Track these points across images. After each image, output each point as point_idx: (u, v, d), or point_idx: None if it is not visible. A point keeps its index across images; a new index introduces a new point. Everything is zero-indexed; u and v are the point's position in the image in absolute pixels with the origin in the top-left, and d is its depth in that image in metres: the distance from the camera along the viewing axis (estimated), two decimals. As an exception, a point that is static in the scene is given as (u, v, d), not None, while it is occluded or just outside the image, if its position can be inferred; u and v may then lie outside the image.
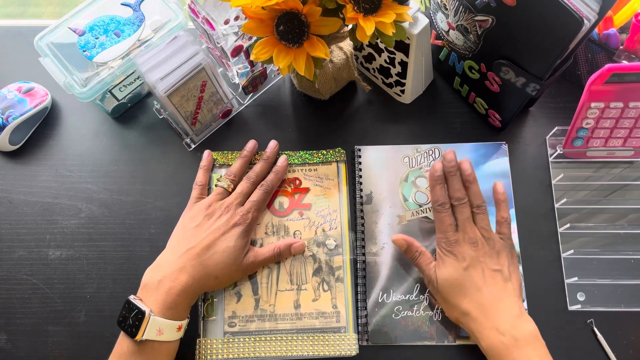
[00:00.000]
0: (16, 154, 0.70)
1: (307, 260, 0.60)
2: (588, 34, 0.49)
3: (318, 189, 0.64)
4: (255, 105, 0.72)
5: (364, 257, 0.61)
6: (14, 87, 0.70)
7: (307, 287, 0.59)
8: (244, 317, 0.58)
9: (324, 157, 0.65)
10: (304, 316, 0.58)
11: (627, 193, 0.64)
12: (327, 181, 0.64)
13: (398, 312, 0.59)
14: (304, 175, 0.64)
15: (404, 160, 0.66)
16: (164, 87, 0.59)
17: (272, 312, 0.58)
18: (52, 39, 0.64)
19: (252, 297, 0.59)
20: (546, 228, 0.63)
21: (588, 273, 0.60)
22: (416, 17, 0.58)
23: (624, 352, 0.57)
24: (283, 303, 0.59)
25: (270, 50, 0.53)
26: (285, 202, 0.63)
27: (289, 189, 0.64)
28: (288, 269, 0.60)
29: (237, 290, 0.59)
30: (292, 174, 0.65)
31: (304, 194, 0.63)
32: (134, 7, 0.67)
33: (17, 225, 0.66)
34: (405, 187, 0.64)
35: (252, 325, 0.58)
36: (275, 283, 0.59)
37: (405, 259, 0.61)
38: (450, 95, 0.71)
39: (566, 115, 0.68)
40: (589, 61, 0.65)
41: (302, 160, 0.65)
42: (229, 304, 0.59)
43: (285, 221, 0.62)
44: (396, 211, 0.63)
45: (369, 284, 0.60)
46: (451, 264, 0.55)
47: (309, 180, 0.64)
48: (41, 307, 0.62)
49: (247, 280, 0.59)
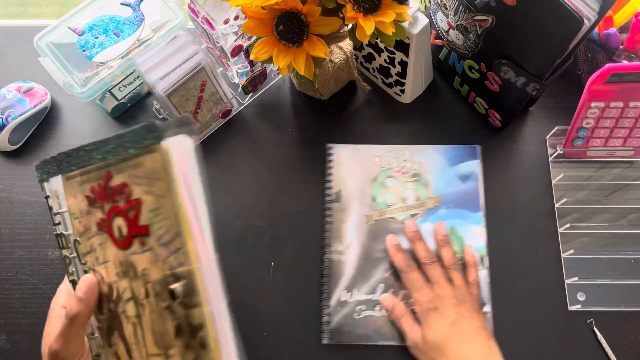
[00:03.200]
0: (16, 154, 0.70)
1: (164, 314, 0.38)
2: (588, 33, 0.49)
3: (151, 200, 0.37)
4: (255, 105, 0.72)
5: (329, 256, 0.61)
6: (13, 87, 0.70)
7: (173, 354, 0.38)
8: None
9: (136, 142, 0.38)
10: None
11: (627, 193, 0.64)
12: (158, 183, 0.37)
13: (360, 312, 0.59)
14: (132, 178, 0.38)
15: (375, 160, 0.65)
16: (164, 86, 0.59)
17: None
18: (52, 39, 0.64)
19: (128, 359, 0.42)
20: (546, 228, 0.63)
21: (588, 273, 0.60)
22: (416, 16, 0.58)
23: (624, 352, 0.57)
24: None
25: (270, 50, 0.52)
26: (123, 226, 0.39)
27: (121, 204, 0.39)
28: (150, 325, 0.39)
29: (114, 350, 0.42)
30: (119, 177, 0.39)
31: (138, 210, 0.38)
32: (133, 6, 0.67)
33: (17, 225, 0.66)
34: (375, 187, 0.64)
35: None
36: (143, 345, 0.40)
37: (371, 258, 0.61)
38: (450, 95, 0.71)
39: (566, 115, 0.68)
40: (589, 61, 0.65)
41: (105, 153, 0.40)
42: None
43: (129, 255, 0.39)
44: (364, 210, 0.63)
45: (333, 282, 0.60)
46: (438, 323, 0.54)
47: (138, 185, 0.38)
48: (41, 307, 0.62)
49: (119, 338, 0.42)
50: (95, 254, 0.41)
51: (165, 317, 0.38)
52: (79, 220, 0.41)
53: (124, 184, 0.38)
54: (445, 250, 0.59)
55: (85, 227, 0.41)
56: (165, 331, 0.38)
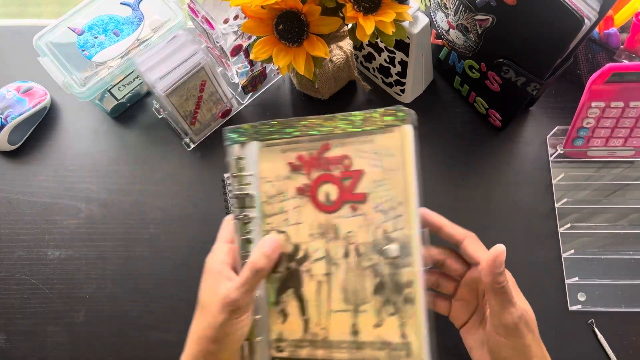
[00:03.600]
0: (15, 154, 0.69)
1: (365, 273, 0.43)
2: (588, 33, 0.49)
3: (376, 172, 0.43)
4: (254, 105, 0.72)
5: None
6: (13, 87, 0.70)
7: (366, 309, 0.43)
8: (292, 342, 0.45)
9: (380, 119, 0.43)
10: (364, 345, 0.43)
11: (627, 193, 0.64)
12: (389, 159, 0.43)
13: None
14: (356, 151, 0.43)
15: None
16: (163, 86, 0.59)
17: (324, 337, 0.44)
18: (51, 39, 0.64)
19: (299, 317, 0.45)
20: (546, 228, 0.63)
21: (589, 273, 0.60)
22: (416, 16, 0.58)
23: (624, 352, 0.57)
24: (337, 327, 0.44)
25: (270, 50, 0.52)
26: (332, 192, 0.44)
27: (336, 173, 0.44)
28: (341, 283, 0.44)
29: (281, 307, 0.46)
30: (339, 149, 0.44)
31: (357, 179, 0.44)
32: (133, 6, 0.66)
33: (16, 225, 0.66)
34: None
35: (302, 351, 0.45)
36: (326, 301, 0.44)
37: None
38: (450, 95, 0.71)
39: (566, 114, 0.68)
40: (589, 61, 0.65)
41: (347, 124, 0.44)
42: (273, 324, 0.46)
43: (333, 219, 0.44)
44: None
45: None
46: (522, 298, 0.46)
47: (363, 158, 0.43)
48: (40, 307, 0.62)
49: (293, 296, 0.46)
50: (285, 216, 0.45)
51: (364, 275, 0.43)
52: (272, 183, 0.45)
53: (344, 156, 0.44)
54: None
55: (278, 190, 0.45)
56: (361, 288, 0.43)
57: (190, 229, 0.62)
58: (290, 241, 0.46)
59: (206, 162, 0.68)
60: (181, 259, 0.63)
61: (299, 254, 0.46)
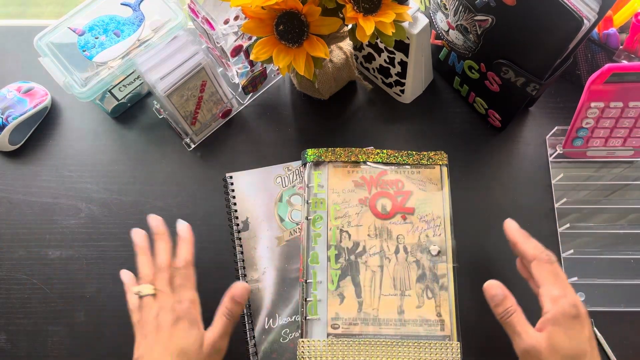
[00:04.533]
0: (16, 154, 0.70)
1: (410, 266, 0.58)
2: (588, 33, 0.49)
3: (421, 194, 0.61)
4: (255, 105, 0.72)
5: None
6: (13, 87, 0.70)
7: (410, 294, 0.57)
8: (347, 320, 0.56)
9: (427, 159, 0.62)
10: (407, 322, 0.56)
11: (627, 193, 0.64)
12: (431, 185, 0.61)
13: (286, 336, 0.58)
14: (407, 178, 0.62)
15: (277, 180, 0.65)
16: (164, 86, 0.59)
17: (375, 316, 0.56)
18: (52, 39, 0.64)
19: (355, 299, 0.57)
20: (546, 228, 0.63)
21: (588, 273, 0.60)
22: (416, 16, 0.58)
23: (624, 352, 0.57)
24: (386, 308, 0.57)
25: (270, 50, 0.53)
26: (388, 205, 0.60)
27: (391, 191, 0.61)
28: (391, 273, 0.58)
29: (339, 291, 0.57)
30: (394, 175, 0.62)
31: (407, 197, 0.61)
32: (133, 7, 0.67)
33: (17, 225, 0.66)
34: (281, 207, 0.63)
35: (355, 328, 0.56)
36: (378, 287, 0.57)
37: (288, 280, 0.59)
38: (450, 95, 0.71)
39: (566, 115, 0.68)
40: (588, 61, 0.65)
41: (404, 160, 0.62)
42: (332, 305, 0.56)
43: (388, 224, 0.60)
44: (274, 233, 0.62)
45: (254, 311, 0.59)
46: (580, 333, 0.45)
47: (412, 183, 0.61)
48: (41, 307, 0.62)
49: (350, 282, 0.57)
50: (347, 219, 0.60)
51: (410, 268, 0.58)
52: (337, 194, 0.61)
53: (398, 180, 0.62)
54: None
55: (343, 200, 0.61)
56: (407, 278, 0.58)
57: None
58: (351, 239, 0.59)
59: (206, 162, 0.68)
60: (181, 259, 0.63)
61: (358, 249, 0.59)
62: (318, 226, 0.60)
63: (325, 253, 0.58)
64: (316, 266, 0.58)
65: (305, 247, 0.58)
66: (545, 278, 0.47)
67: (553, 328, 0.45)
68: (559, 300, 0.45)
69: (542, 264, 0.48)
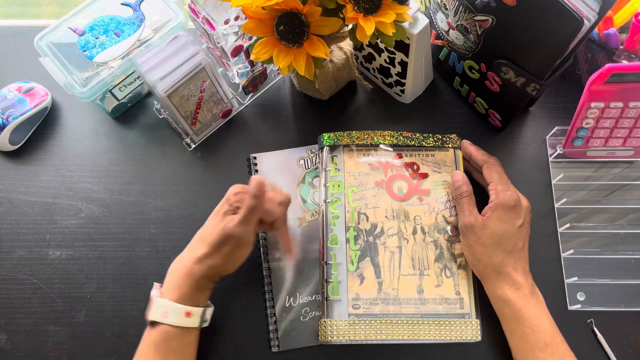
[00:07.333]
0: (16, 154, 0.70)
1: (428, 246, 0.59)
2: (588, 33, 0.49)
3: (436, 176, 0.62)
4: (255, 105, 0.72)
5: (267, 265, 0.61)
6: (14, 87, 0.70)
7: (429, 273, 0.58)
8: (367, 300, 0.57)
9: (440, 142, 0.63)
10: (427, 301, 0.57)
11: (627, 193, 0.64)
12: (445, 168, 0.63)
13: (306, 314, 0.59)
14: (422, 161, 0.63)
15: (300, 162, 0.66)
16: (164, 87, 0.59)
17: (395, 296, 0.57)
18: (52, 39, 0.64)
19: (375, 280, 0.58)
20: (546, 228, 0.63)
21: (588, 273, 0.60)
22: (416, 17, 0.58)
23: (624, 352, 0.57)
24: (406, 288, 0.58)
25: (271, 50, 0.53)
26: (404, 187, 0.62)
27: (407, 174, 0.62)
28: (410, 253, 0.59)
29: (359, 272, 0.58)
30: (409, 158, 0.63)
31: (422, 179, 0.62)
32: (134, 7, 0.67)
33: (17, 225, 0.66)
34: (303, 189, 0.65)
35: (376, 308, 0.57)
36: (397, 267, 0.58)
37: (309, 260, 0.61)
38: (450, 95, 0.71)
39: (566, 115, 0.68)
40: (588, 61, 0.65)
41: (418, 143, 0.63)
42: (352, 286, 0.57)
43: (405, 206, 0.61)
44: (296, 214, 0.63)
45: (275, 289, 0.60)
46: (511, 219, 0.55)
47: (427, 165, 0.63)
48: (41, 307, 0.62)
49: (370, 263, 0.58)
50: (364, 201, 0.61)
51: (428, 248, 0.59)
52: (354, 177, 0.62)
53: (413, 162, 0.63)
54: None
55: (360, 182, 0.62)
56: (425, 257, 0.59)
57: (190, 229, 0.62)
58: (369, 220, 0.60)
59: (207, 162, 0.68)
60: (182, 259, 0.63)
61: (376, 231, 0.60)
62: (336, 209, 0.60)
63: (344, 235, 0.59)
64: (335, 248, 0.59)
65: (324, 230, 0.59)
66: (492, 177, 0.58)
67: (492, 213, 0.55)
68: (501, 193, 0.56)
69: (490, 166, 0.59)
